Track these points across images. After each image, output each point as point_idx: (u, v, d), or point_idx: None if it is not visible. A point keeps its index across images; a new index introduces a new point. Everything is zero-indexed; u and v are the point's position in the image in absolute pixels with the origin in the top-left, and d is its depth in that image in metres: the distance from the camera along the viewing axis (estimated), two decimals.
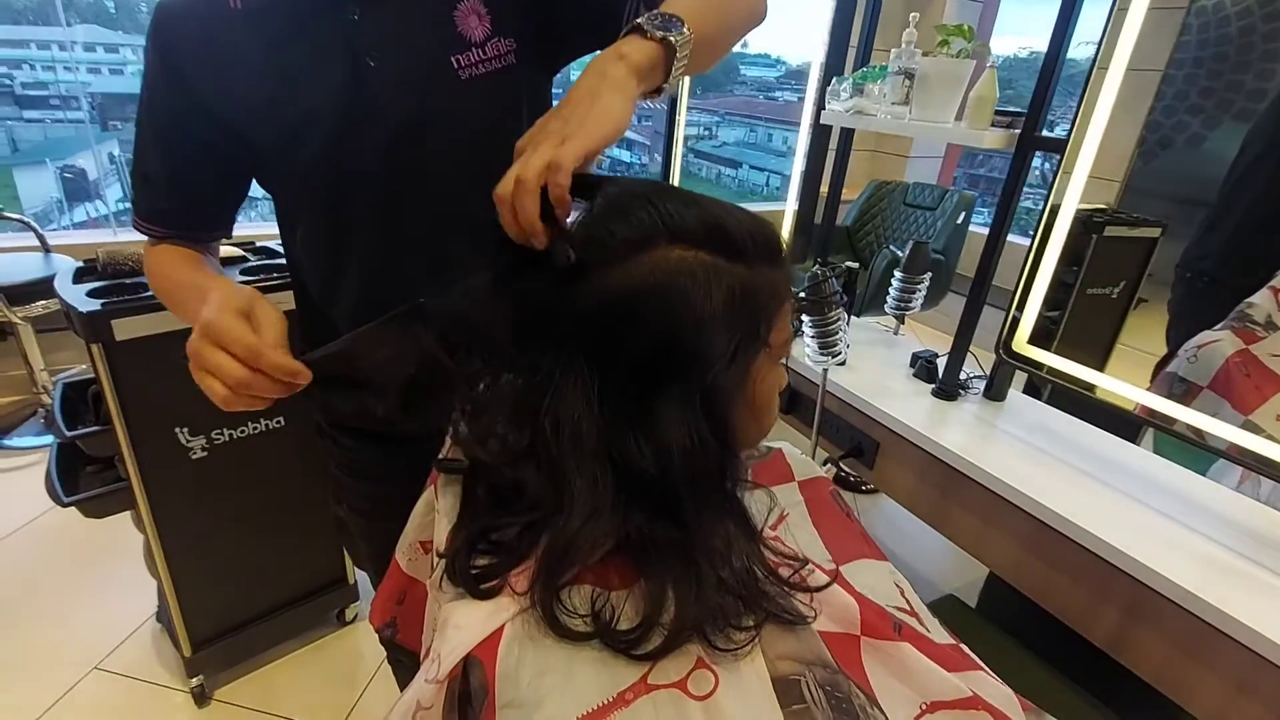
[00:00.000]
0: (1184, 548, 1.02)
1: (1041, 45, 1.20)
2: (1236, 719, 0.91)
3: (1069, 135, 1.19)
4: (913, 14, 1.43)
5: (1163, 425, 1.18)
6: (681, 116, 2.35)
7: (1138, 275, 1.35)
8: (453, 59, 0.68)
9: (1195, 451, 1.28)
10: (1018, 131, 1.24)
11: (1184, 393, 1.22)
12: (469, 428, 0.51)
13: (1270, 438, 1.04)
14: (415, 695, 0.44)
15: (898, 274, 1.56)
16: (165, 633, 1.56)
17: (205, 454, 1.26)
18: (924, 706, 0.48)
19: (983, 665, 0.58)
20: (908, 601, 0.66)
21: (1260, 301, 1.19)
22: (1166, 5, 1.19)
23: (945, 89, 1.33)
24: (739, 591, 0.44)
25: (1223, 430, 1.08)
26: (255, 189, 0.81)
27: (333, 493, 0.93)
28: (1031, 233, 1.28)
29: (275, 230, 0.85)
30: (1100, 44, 1.15)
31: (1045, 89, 1.19)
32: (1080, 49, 1.22)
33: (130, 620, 1.64)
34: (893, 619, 0.54)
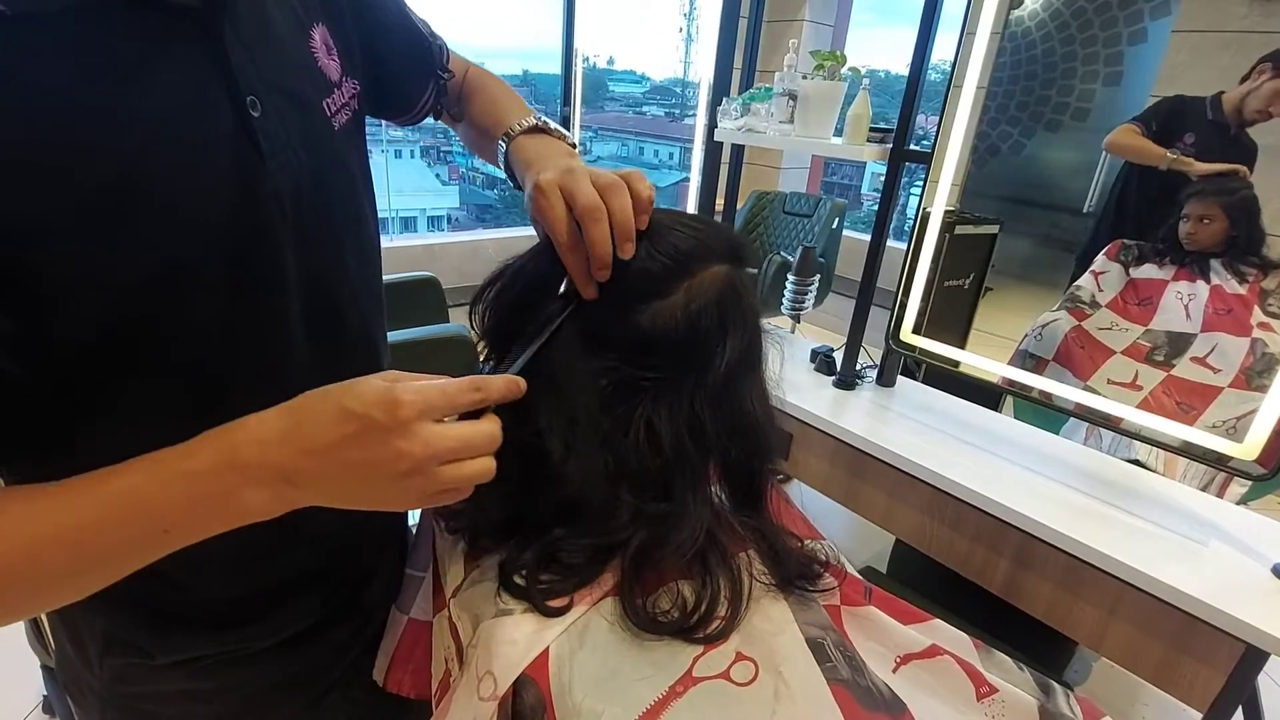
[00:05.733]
0: (1053, 498, 1.19)
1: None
2: (1110, 637, 1.09)
3: (932, 147, 1.36)
4: (792, 40, 1.57)
5: (1022, 394, 1.37)
6: (575, 133, 2.40)
7: (983, 267, 1.55)
8: (324, 104, 0.53)
9: (1049, 414, 1.50)
10: (890, 145, 1.39)
11: (1034, 366, 1.43)
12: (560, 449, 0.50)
13: (1104, 397, 1.26)
14: (472, 714, 0.44)
15: (791, 278, 1.69)
16: None
17: None
18: (898, 660, 0.55)
19: (934, 615, 0.67)
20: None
21: (1085, 284, 1.41)
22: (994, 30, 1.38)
23: (824, 108, 1.47)
24: (799, 568, 0.52)
25: (1069, 393, 1.29)
26: None
27: None
28: (908, 236, 1.44)
29: None
30: (953, 66, 1.32)
31: (910, 108, 1.34)
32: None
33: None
34: (863, 585, 0.61)
